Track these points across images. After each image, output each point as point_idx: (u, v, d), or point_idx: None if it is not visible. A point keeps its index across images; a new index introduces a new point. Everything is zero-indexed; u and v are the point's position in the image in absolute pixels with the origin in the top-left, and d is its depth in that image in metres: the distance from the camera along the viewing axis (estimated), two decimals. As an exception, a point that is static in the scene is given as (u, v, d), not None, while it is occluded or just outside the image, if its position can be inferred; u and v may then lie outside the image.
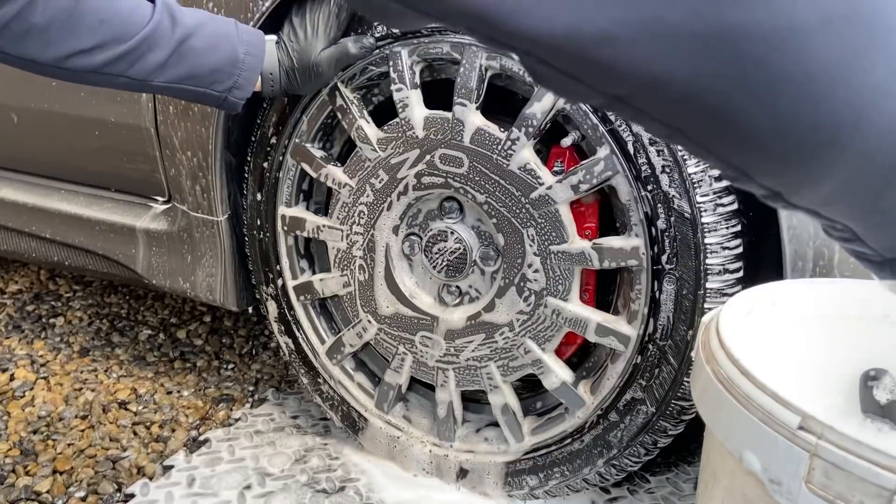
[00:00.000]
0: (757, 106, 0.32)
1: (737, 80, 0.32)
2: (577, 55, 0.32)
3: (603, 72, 0.33)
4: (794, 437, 0.57)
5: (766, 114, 0.33)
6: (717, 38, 0.31)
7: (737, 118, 0.33)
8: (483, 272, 1.20)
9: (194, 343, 1.90)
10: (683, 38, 0.31)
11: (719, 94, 0.33)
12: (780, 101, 0.32)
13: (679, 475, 1.39)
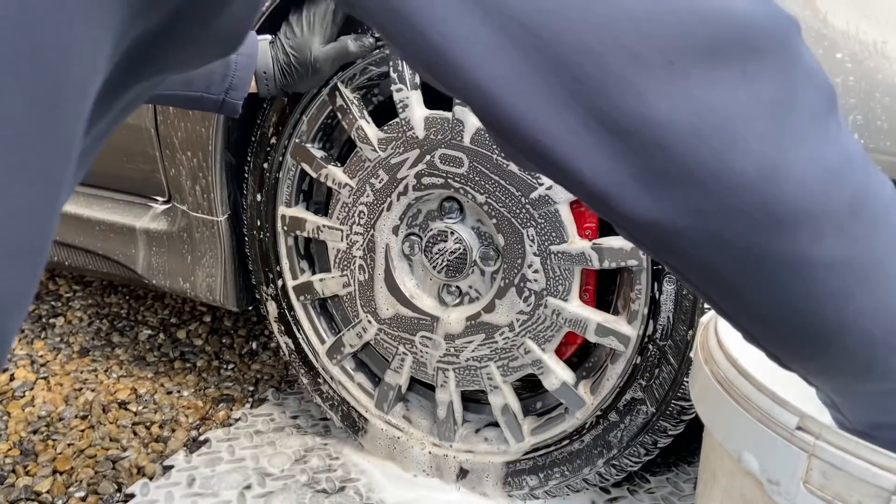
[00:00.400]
0: (768, 301, 0.45)
1: (761, 282, 0.44)
2: (656, 239, 0.44)
3: (665, 249, 0.45)
4: (792, 438, 0.57)
5: (774, 307, 0.45)
6: (755, 254, 0.43)
7: (753, 303, 0.46)
8: (483, 272, 1.20)
9: (194, 343, 1.90)
10: (732, 247, 0.42)
11: (747, 288, 0.45)
12: (784, 303, 0.45)
13: (679, 475, 1.39)
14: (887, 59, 0.85)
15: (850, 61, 0.86)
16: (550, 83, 0.39)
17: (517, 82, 0.39)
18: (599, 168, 0.41)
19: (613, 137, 0.40)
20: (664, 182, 0.40)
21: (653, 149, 0.39)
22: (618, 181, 0.41)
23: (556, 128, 0.40)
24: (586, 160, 0.41)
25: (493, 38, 0.38)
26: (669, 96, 0.38)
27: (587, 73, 0.38)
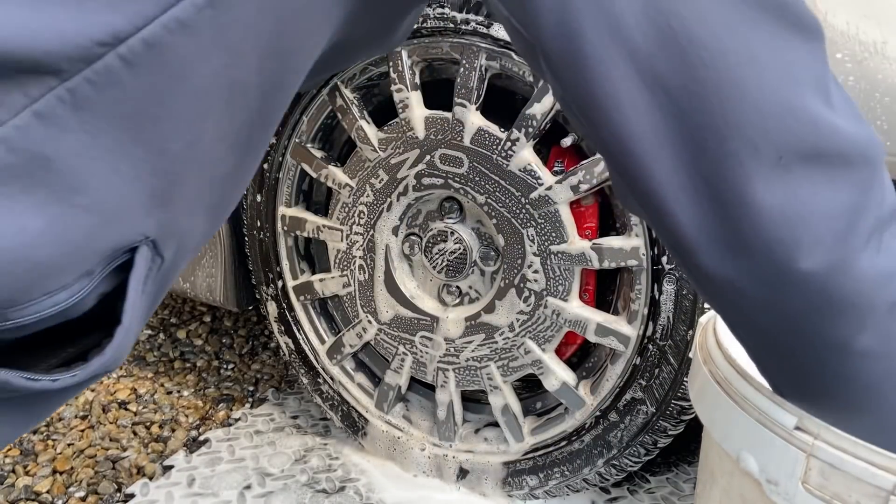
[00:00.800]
0: (806, 370, 0.54)
1: (803, 354, 0.53)
2: (723, 295, 0.52)
3: (727, 304, 0.53)
4: (790, 438, 0.57)
5: (810, 376, 0.54)
6: (804, 329, 0.51)
7: (792, 368, 0.55)
8: (483, 272, 1.20)
9: (194, 343, 1.90)
10: (786, 319, 0.51)
11: (788, 354, 0.54)
12: (819, 376, 0.53)
13: (679, 475, 1.39)
14: (887, 60, 0.85)
15: (850, 61, 0.86)
16: (678, 147, 0.47)
17: (652, 139, 0.47)
18: (695, 223, 0.48)
19: (714, 203, 0.47)
20: (745, 250, 0.48)
21: (744, 220, 0.47)
22: (707, 238, 0.49)
23: (672, 183, 0.48)
24: (686, 215, 0.48)
25: (643, 99, 0.46)
26: (770, 183, 0.46)
27: (711, 147, 0.46)
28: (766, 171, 0.46)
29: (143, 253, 0.47)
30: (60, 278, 0.43)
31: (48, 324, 0.45)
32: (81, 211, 0.42)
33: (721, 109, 0.45)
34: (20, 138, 0.38)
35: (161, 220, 0.46)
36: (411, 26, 0.64)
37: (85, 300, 0.46)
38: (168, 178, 0.45)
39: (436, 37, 1.11)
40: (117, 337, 0.47)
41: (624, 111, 0.46)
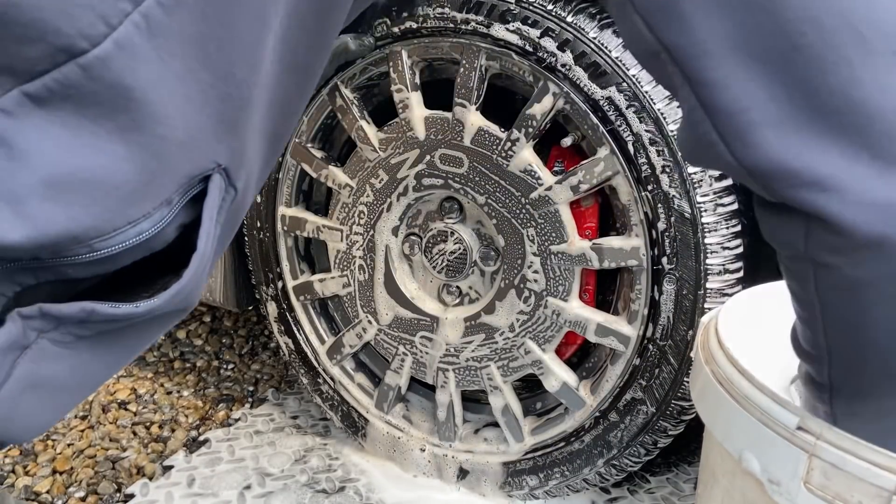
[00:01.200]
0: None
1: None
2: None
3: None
4: (792, 438, 0.57)
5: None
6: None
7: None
8: (483, 273, 1.20)
9: (194, 343, 1.90)
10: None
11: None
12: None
13: (679, 475, 1.39)
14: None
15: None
16: (767, 47, 0.38)
17: (731, 40, 0.39)
18: (784, 144, 0.40)
19: (815, 114, 0.39)
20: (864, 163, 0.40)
21: (853, 133, 0.39)
22: (807, 159, 0.40)
23: (756, 93, 0.40)
24: (775, 133, 0.40)
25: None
26: (885, 85, 0.38)
27: (808, 43, 0.38)
28: (878, 69, 0.38)
29: (216, 181, 0.48)
30: (142, 206, 0.45)
31: (134, 256, 0.47)
32: (159, 139, 0.43)
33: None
34: (102, 67, 0.39)
35: (230, 148, 0.48)
36: None
37: (166, 230, 0.47)
38: (234, 103, 0.46)
39: (436, 37, 1.11)
40: (193, 263, 0.48)
41: (699, 9, 0.40)
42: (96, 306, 0.45)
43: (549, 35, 1.02)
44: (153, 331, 0.52)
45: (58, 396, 0.48)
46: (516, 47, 1.05)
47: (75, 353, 0.47)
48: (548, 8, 1.02)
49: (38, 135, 0.39)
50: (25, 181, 0.40)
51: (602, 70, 1.00)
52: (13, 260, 0.43)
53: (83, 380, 0.49)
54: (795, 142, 0.40)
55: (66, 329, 0.46)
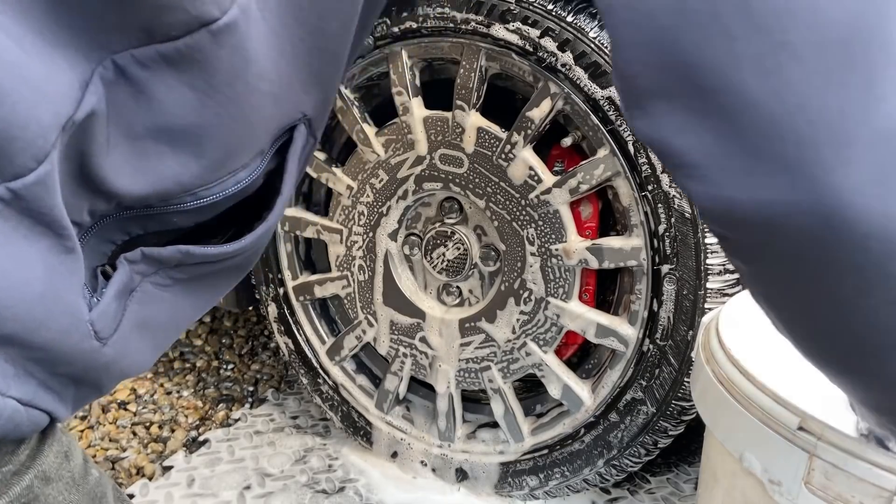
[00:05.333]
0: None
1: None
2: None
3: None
4: (793, 438, 0.57)
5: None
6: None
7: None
8: (483, 273, 1.20)
9: (194, 343, 1.89)
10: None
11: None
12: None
13: (679, 475, 1.39)
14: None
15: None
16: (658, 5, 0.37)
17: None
18: (667, 120, 0.39)
19: (695, 91, 0.38)
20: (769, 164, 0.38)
21: (727, 119, 0.37)
22: (718, 160, 0.39)
23: (647, 58, 0.38)
24: (662, 106, 0.39)
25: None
26: (766, 69, 0.36)
27: (693, 7, 0.36)
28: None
29: (301, 131, 0.51)
30: (241, 157, 0.48)
31: (229, 203, 0.50)
32: (261, 94, 0.46)
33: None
34: (228, 33, 0.41)
35: (315, 99, 0.51)
36: None
37: (258, 178, 0.50)
38: (322, 57, 0.49)
39: (436, 37, 1.11)
40: (278, 205, 0.52)
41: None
42: (191, 248, 0.48)
43: (550, 35, 1.02)
44: (231, 276, 0.56)
45: (158, 335, 0.51)
46: (516, 47, 1.05)
47: (172, 295, 0.50)
48: (548, 8, 1.02)
49: (166, 89, 0.42)
50: (146, 122, 0.42)
51: (602, 70, 1.00)
52: (128, 208, 0.46)
53: (177, 320, 0.53)
54: (677, 119, 0.39)
55: (166, 273, 0.49)
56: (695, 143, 0.38)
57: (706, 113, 0.38)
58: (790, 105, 0.36)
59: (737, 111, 0.37)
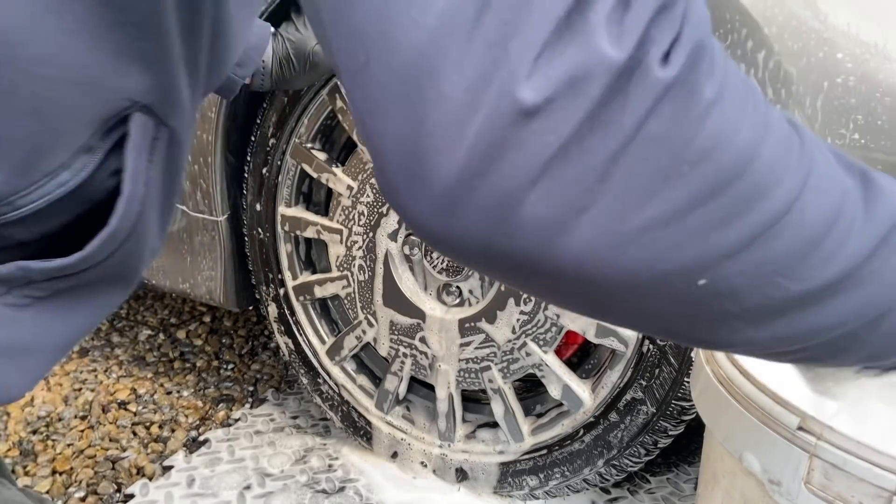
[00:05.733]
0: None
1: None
2: None
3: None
4: (793, 438, 0.57)
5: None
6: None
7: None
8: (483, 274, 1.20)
9: (194, 343, 1.90)
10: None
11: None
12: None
13: (679, 475, 1.39)
14: (888, 60, 0.85)
15: (851, 62, 0.86)
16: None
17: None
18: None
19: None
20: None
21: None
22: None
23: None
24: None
25: None
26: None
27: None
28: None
29: (138, 120, 0.45)
30: (54, 156, 0.43)
31: (70, 209, 0.45)
32: (48, 81, 0.40)
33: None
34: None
35: (143, 82, 0.44)
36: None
37: (96, 178, 0.45)
38: (127, 31, 0.42)
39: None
40: (119, 207, 0.46)
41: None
42: (29, 263, 0.44)
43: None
44: (105, 291, 0.50)
45: (27, 359, 0.47)
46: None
47: (33, 314, 0.46)
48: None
49: None
50: None
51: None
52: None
53: (47, 342, 0.49)
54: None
55: (19, 292, 0.45)
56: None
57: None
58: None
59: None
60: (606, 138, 0.31)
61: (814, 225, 0.36)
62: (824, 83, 0.88)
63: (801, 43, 0.88)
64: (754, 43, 0.90)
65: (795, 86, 0.89)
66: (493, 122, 0.31)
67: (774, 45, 0.89)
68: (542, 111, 0.31)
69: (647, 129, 0.32)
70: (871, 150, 0.87)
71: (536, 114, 0.30)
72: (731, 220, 0.34)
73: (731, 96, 0.34)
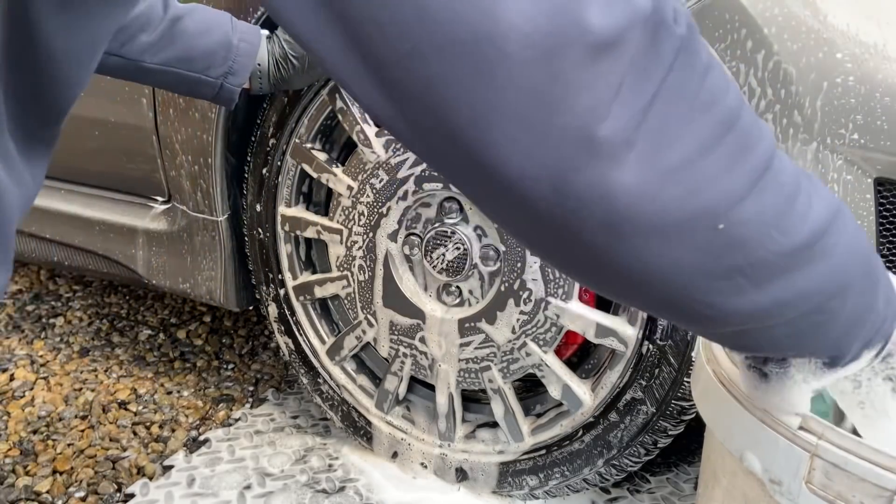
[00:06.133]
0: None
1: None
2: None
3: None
4: (794, 438, 0.57)
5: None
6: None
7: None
8: (483, 273, 1.20)
9: (194, 343, 1.90)
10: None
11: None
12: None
13: (679, 475, 1.39)
14: (887, 60, 0.85)
15: (851, 62, 0.86)
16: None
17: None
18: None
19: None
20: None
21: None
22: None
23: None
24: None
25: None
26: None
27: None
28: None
29: None
30: None
31: None
32: None
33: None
34: None
35: None
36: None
37: None
38: None
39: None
40: None
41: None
42: None
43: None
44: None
45: None
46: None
47: None
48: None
49: None
50: None
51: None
52: None
53: None
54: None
55: None
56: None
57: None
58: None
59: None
60: (648, 82, 0.37)
61: (788, 185, 0.43)
62: (824, 83, 0.88)
63: (801, 43, 0.88)
64: (754, 43, 0.90)
65: (795, 86, 0.89)
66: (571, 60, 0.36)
67: (774, 45, 0.89)
68: (607, 50, 0.36)
69: (671, 78, 0.38)
70: (870, 150, 0.87)
71: (602, 52, 0.36)
72: (733, 166, 0.40)
73: (718, 66, 0.41)
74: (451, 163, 0.41)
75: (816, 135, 0.89)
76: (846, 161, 0.89)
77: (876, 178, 0.88)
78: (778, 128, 0.91)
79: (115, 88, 1.39)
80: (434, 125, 0.39)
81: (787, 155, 0.46)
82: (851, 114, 0.87)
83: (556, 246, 0.42)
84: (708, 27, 0.92)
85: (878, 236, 0.90)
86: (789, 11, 0.88)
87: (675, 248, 0.41)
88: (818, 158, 0.90)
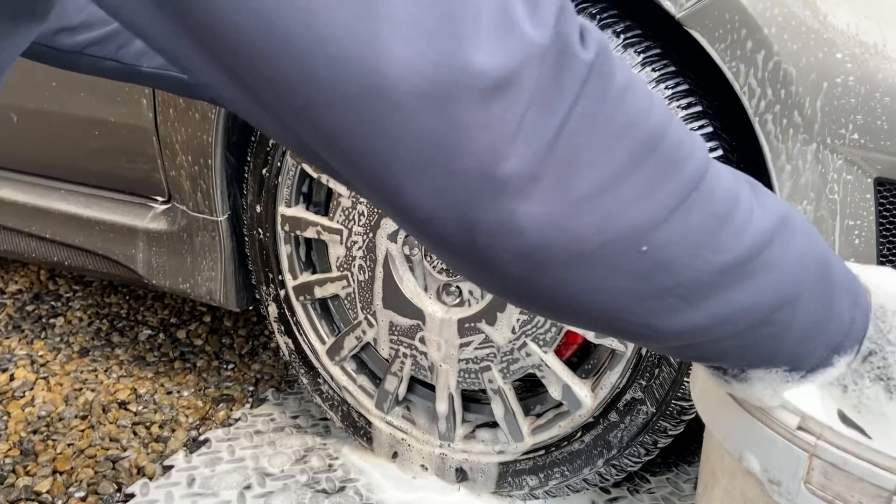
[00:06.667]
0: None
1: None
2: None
3: None
4: (793, 438, 0.57)
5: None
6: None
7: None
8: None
9: (194, 343, 1.90)
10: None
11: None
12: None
13: (679, 475, 1.39)
14: (887, 60, 0.85)
15: (851, 62, 0.86)
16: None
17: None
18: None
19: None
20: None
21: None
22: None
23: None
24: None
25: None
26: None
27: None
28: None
29: None
30: None
31: None
32: None
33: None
34: None
35: None
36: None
37: None
38: None
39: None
40: None
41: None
42: None
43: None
44: None
45: None
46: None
47: None
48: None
49: None
50: None
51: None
52: None
53: None
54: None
55: None
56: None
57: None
58: None
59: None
60: (551, 115, 0.36)
61: (721, 202, 0.42)
62: (824, 83, 0.88)
63: (801, 43, 0.88)
64: (754, 43, 0.90)
65: (795, 86, 0.89)
66: (462, 107, 0.35)
67: (774, 46, 0.89)
68: (500, 91, 0.35)
69: (579, 108, 0.37)
70: (871, 150, 0.87)
71: (496, 94, 0.35)
72: (655, 189, 0.39)
73: (639, 86, 0.40)
74: (377, 203, 0.40)
75: (816, 135, 0.89)
76: (846, 161, 0.89)
77: (876, 178, 0.88)
78: (778, 128, 0.91)
79: (115, 89, 1.39)
80: (349, 169, 0.39)
81: (725, 167, 0.45)
82: (851, 114, 0.87)
83: (484, 277, 0.42)
84: (708, 27, 0.92)
85: (878, 236, 0.90)
86: (789, 11, 0.88)
87: (599, 273, 0.40)
88: (818, 158, 0.90)
